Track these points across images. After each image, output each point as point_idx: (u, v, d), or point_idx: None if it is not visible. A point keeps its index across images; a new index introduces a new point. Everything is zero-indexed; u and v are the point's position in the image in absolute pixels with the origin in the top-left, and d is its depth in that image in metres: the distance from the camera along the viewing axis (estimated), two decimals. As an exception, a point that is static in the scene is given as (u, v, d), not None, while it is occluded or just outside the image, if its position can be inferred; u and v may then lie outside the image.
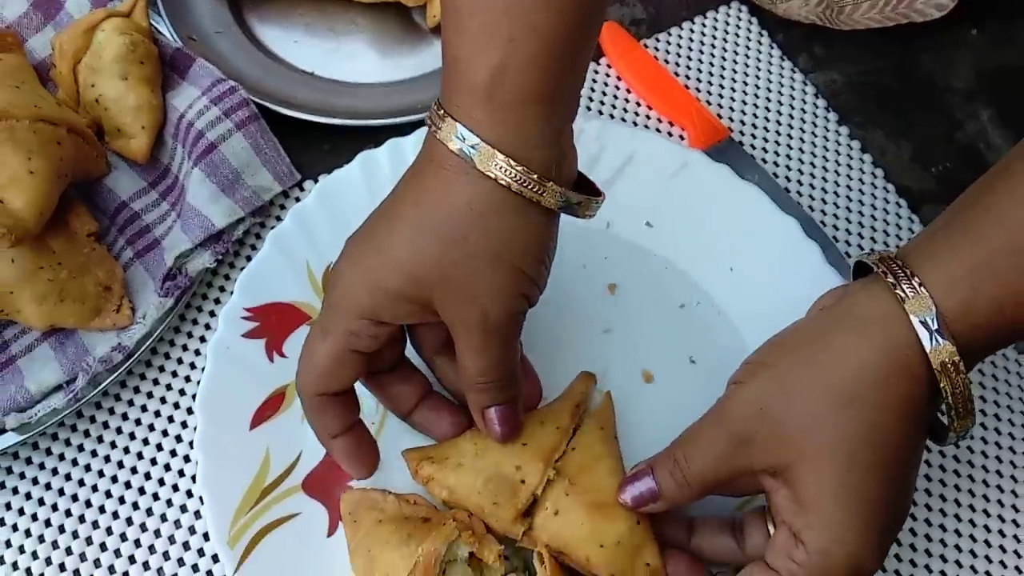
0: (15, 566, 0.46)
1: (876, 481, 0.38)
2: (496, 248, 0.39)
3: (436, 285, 0.39)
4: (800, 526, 0.38)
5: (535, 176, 0.38)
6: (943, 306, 0.36)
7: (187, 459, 0.49)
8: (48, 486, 0.48)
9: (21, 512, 0.48)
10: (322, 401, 0.42)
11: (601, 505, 0.43)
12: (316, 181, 0.56)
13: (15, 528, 0.47)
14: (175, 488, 0.49)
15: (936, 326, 0.36)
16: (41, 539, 0.47)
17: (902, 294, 0.37)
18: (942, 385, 0.37)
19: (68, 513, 0.48)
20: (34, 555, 0.47)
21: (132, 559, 0.47)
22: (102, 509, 0.48)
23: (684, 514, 0.45)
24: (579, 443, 0.45)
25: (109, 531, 0.48)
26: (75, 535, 0.47)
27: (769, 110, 0.63)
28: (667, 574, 0.43)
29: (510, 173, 0.37)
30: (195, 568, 0.46)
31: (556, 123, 0.39)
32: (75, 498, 0.48)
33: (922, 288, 0.37)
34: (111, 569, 0.47)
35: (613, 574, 0.43)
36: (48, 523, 0.47)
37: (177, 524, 0.47)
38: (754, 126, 0.62)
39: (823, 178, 0.60)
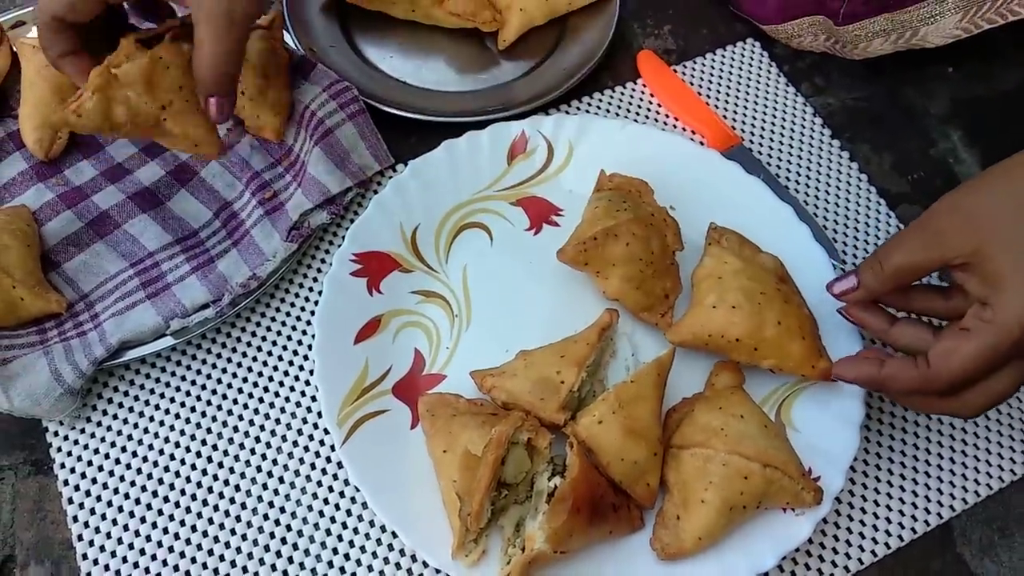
0: (167, 439, 0.59)
1: None
2: None
3: None
4: (988, 295, 0.47)
5: None
6: None
7: (302, 368, 0.62)
8: (194, 382, 0.61)
9: (172, 400, 0.61)
10: (58, 25, 0.53)
11: (634, 432, 0.54)
12: (405, 164, 0.69)
13: (167, 412, 0.60)
14: (295, 381, 0.62)
15: None
16: (187, 420, 0.60)
17: None
18: None
19: (210, 402, 0.61)
20: (182, 432, 0.60)
21: (262, 428, 0.60)
22: (238, 397, 0.61)
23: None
24: (638, 379, 0.56)
25: (242, 414, 0.60)
26: (214, 418, 0.60)
27: (775, 125, 0.75)
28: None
29: None
30: (310, 437, 0.60)
31: None
32: (215, 391, 0.61)
33: None
34: (246, 434, 0.60)
35: (621, 481, 0.54)
36: (194, 409, 0.60)
37: (298, 404, 0.61)
38: (762, 137, 0.75)
39: (816, 179, 0.73)
